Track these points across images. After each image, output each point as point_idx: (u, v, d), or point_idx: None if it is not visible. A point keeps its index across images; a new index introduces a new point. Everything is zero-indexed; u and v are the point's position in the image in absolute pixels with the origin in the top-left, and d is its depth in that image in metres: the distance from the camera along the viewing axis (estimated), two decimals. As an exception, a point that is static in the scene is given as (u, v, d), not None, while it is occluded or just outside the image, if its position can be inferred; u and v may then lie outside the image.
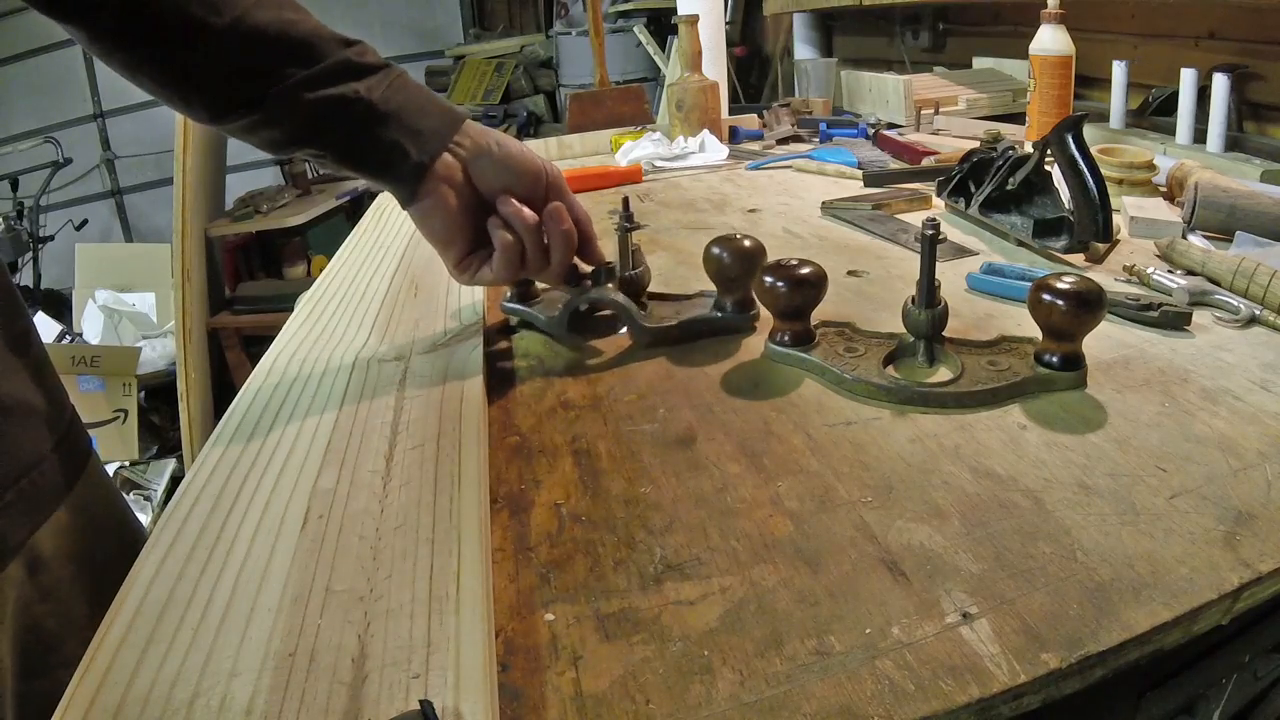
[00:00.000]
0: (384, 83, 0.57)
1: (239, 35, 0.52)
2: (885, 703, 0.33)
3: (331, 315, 0.79)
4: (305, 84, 0.54)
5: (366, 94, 0.56)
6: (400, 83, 0.58)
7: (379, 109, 0.57)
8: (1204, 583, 0.38)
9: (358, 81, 0.56)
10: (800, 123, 1.55)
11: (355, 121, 0.57)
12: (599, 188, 1.28)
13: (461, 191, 0.61)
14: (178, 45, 0.52)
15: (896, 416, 0.55)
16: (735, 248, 0.66)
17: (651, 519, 0.46)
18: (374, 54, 0.58)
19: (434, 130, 0.59)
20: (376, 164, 0.59)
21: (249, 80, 0.54)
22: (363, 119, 0.57)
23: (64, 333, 3.07)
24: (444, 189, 0.60)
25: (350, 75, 0.56)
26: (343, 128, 0.57)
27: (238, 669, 0.35)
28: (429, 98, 0.60)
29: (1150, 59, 1.48)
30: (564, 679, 0.36)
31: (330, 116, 0.56)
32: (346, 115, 0.56)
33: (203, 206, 2.78)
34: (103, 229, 4.41)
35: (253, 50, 0.53)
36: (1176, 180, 0.95)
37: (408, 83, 0.59)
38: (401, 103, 0.58)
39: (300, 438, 0.54)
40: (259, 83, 0.54)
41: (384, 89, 0.57)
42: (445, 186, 0.60)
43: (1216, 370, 0.57)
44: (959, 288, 0.75)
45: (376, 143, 0.58)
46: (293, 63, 0.54)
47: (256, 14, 0.53)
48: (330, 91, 0.55)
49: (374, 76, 0.57)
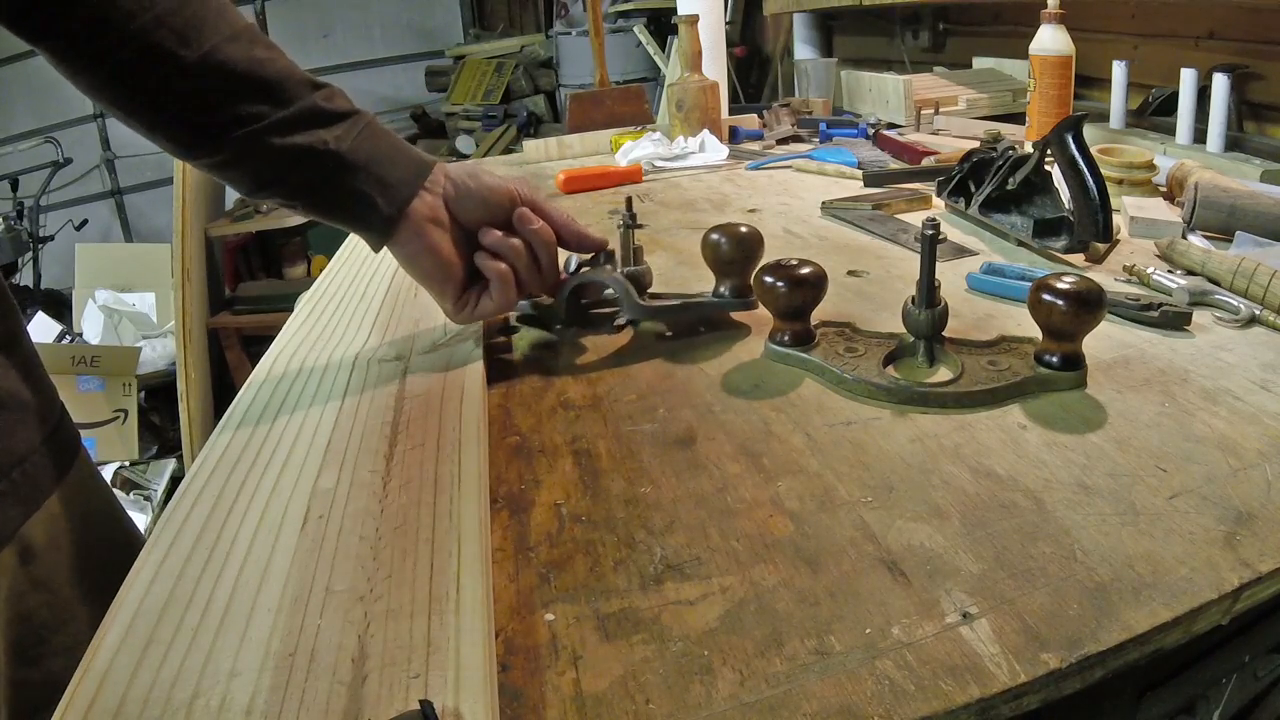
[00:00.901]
0: (353, 132, 0.57)
1: (207, 69, 0.51)
2: (885, 703, 0.33)
3: (331, 315, 0.79)
4: (272, 129, 0.54)
5: (335, 144, 0.56)
6: (369, 131, 0.58)
7: (347, 159, 0.56)
8: (1204, 583, 0.38)
9: (326, 130, 0.55)
10: (800, 123, 1.55)
11: (323, 172, 0.56)
12: (599, 188, 1.28)
13: (449, 230, 0.61)
14: (144, 74, 0.51)
15: (896, 416, 0.55)
16: (732, 233, 0.67)
17: (651, 519, 0.46)
18: (343, 98, 0.58)
19: (402, 180, 0.59)
20: (345, 214, 0.59)
21: (214, 117, 0.53)
22: (331, 170, 0.56)
23: (64, 333, 3.07)
24: (430, 230, 0.60)
25: (318, 122, 0.55)
26: (310, 177, 0.56)
27: (238, 669, 0.35)
28: (397, 146, 0.60)
29: (1150, 59, 1.48)
30: (564, 679, 0.36)
31: (297, 165, 0.55)
32: (314, 165, 0.56)
33: (203, 206, 2.78)
34: (103, 229, 4.40)
35: (220, 86, 0.52)
36: (1176, 180, 0.95)
37: (376, 130, 0.59)
38: (370, 152, 0.57)
39: (300, 438, 0.54)
40: (225, 121, 0.53)
41: (353, 139, 0.57)
42: (431, 227, 0.60)
43: (1216, 370, 0.57)
44: (959, 288, 0.75)
45: (345, 194, 0.57)
46: (261, 103, 0.53)
47: (227, 49, 0.52)
48: (298, 140, 0.54)
49: (342, 125, 0.56)
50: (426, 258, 0.61)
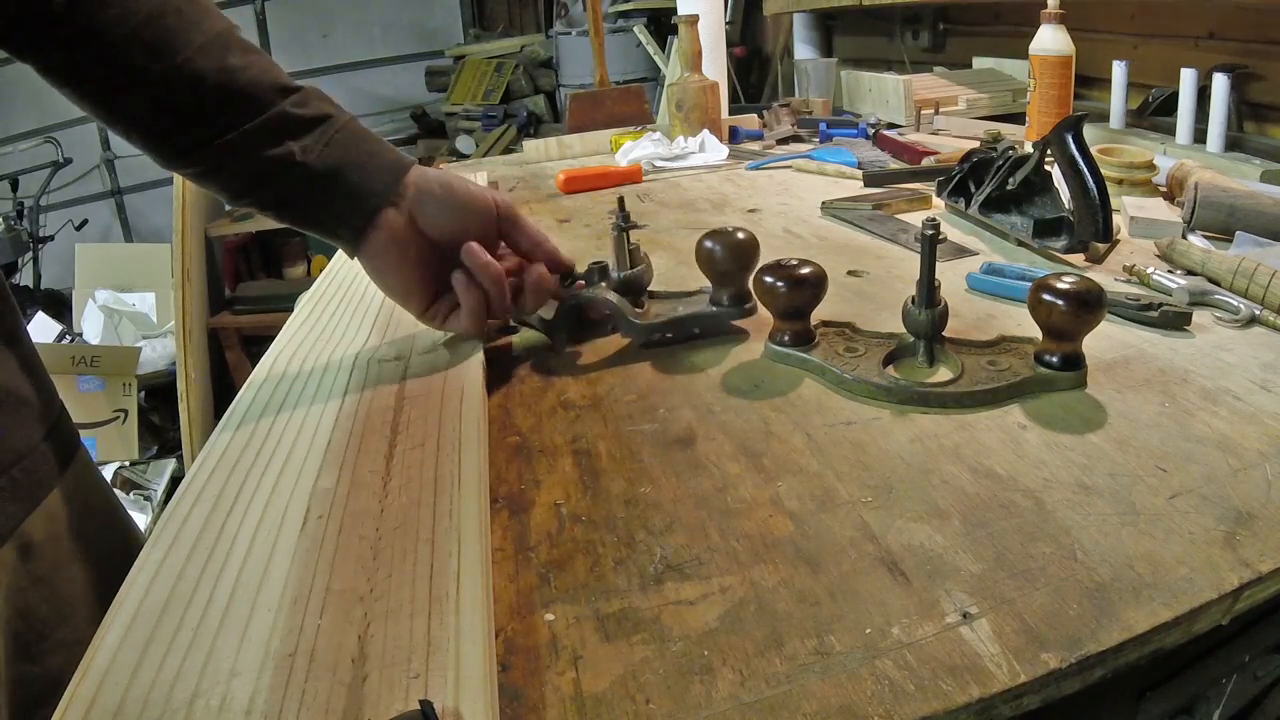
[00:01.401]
0: (322, 140, 0.56)
1: (177, 82, 0.51)
2: (885, 703, 0.33)
3: (331, 315, 0.79)
4: (241, 141, 0.53)
5: (302, 156, 0.55)
6: (341, 138, 0.57)
7: (314, 169, 0.55)
8: (1204, 583, 0.38)
9: (294, 140, 0.55)
10: (800, 123, 1.55)
11: (291, 185, 0.56)
12: (599, 188, 1.28)
13: (412, 242, 0.60)
14: (118, 88, 0.51)
15: (896, 416, 0.55)
16: (727, 241, 0.65)
17: (651, 519, 0.46)
18: (319, 100, 0.57)
19: (371, 192, 0.58)
20: (315, 226, 0.59)
21: (187, 129, 0.53)
22: (298, 182, 0.56)
23: (64, 333, 3.07)
24: (391, 244, 0.59)
25: (287, 132, 0.55)
26: (278, 190, 0.56)
27: (238, 669, 0.35)
28: (371, 151, 0.58)
29: (1150, 59, 1.48)
30: (564, 679, 0.36)
31: (266, 178, 0.55)
32: (282, 178, 0.55)
33: (203, 206, 2.78)
34: (103, 229, 4.40)
35: (189, 99, 0.52)
36: (1176, 180, 0.95)
37: (350, 136, 0.57)
38: (340, 160, 0.56)
39: (300, 438, 0.54)
40: (197, 133, 0.53)
41: (321, 148, 0.56)
42: (391, 241, 0.59)
43: (1216, 370, 0.57)
44: (959, 288, 0.75)
45: (312, 206, 0.57)
46: (230, 114, 0.53)
47: (198, 61, 0.52)
48: (267, 152, 0.54)
49: (311, 134, 0.56)
50: (391, 274, 0.61)
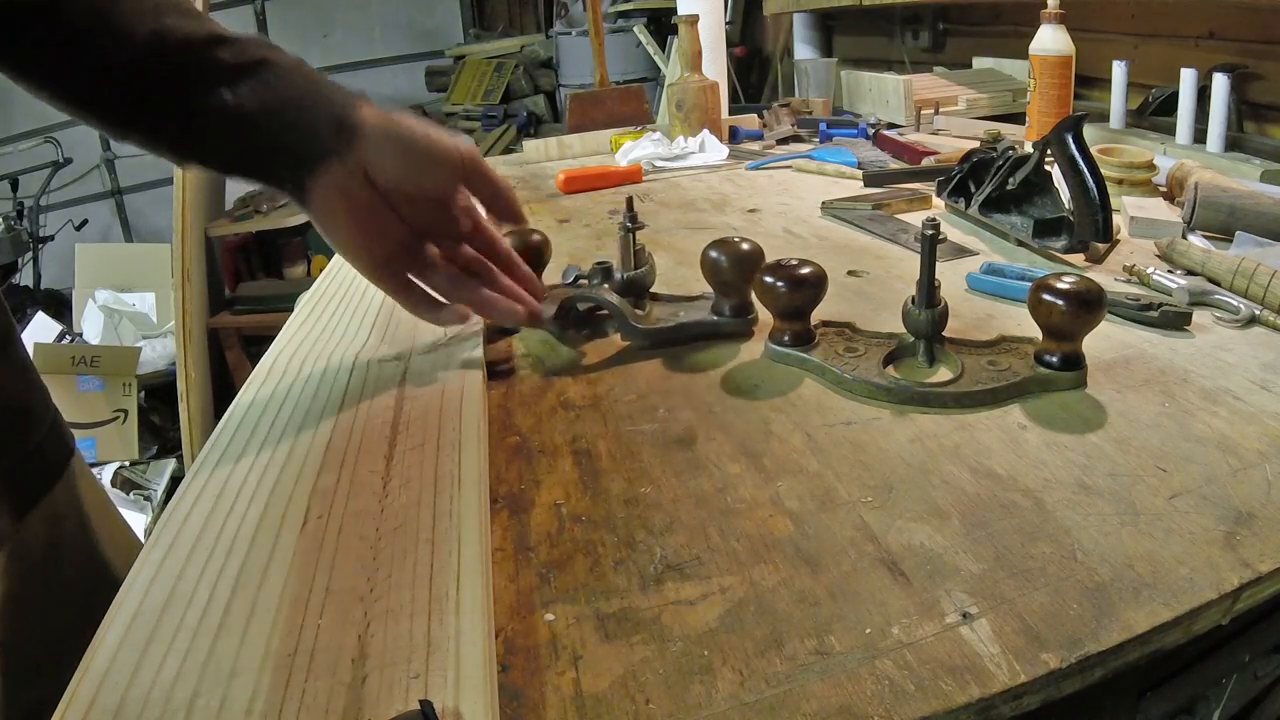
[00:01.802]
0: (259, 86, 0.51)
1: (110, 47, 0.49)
2: (885, 703, 0.33)
3: (331, 315, 0.79)
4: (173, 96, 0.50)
5: (235, 100, 0.51)
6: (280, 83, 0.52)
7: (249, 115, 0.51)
8: (1204, 583, 0.38)
9: (227, 87, 0.51)
10: (800, 123, 1.55)
11: (225, 132, 0.52)
12: (599, 188, 1.28)
13: (362, 194, 0.54)
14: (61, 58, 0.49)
15: (896, 416, 0.55)
16: (732, 251, 0.65)
17: (651, 519, 0.46)
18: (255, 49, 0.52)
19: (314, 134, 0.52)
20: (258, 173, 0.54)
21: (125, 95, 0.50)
22: (232, 128, 0.52)
23: (64, 333, 3.07)
24: (337, 194, 0.53)
25: (218, 79, 0.51)
26: (215, 140, 0.52)
27: (238, 669, 0.35)
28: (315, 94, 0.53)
29: (1150, 59, 1.48)
30: (564, 679, 0.36)
31: (202, 130, 0.52)
32: (217, 126, 0.51)
33: (203, 206, 2.78)
34: (103, 229, 4.40)
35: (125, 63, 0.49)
36: (1176, 180, 0.95)
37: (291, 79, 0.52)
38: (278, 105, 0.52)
39: (300, 437, 0.54)
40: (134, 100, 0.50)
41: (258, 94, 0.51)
42: (337, 191, 0.53)
43: (1216, 370, 0.57)
44: (959, 288, 0.75)
45: (251, 153, 0.53)
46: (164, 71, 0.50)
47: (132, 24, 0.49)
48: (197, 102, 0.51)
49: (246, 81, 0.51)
50: (339, 228, 0.55)
